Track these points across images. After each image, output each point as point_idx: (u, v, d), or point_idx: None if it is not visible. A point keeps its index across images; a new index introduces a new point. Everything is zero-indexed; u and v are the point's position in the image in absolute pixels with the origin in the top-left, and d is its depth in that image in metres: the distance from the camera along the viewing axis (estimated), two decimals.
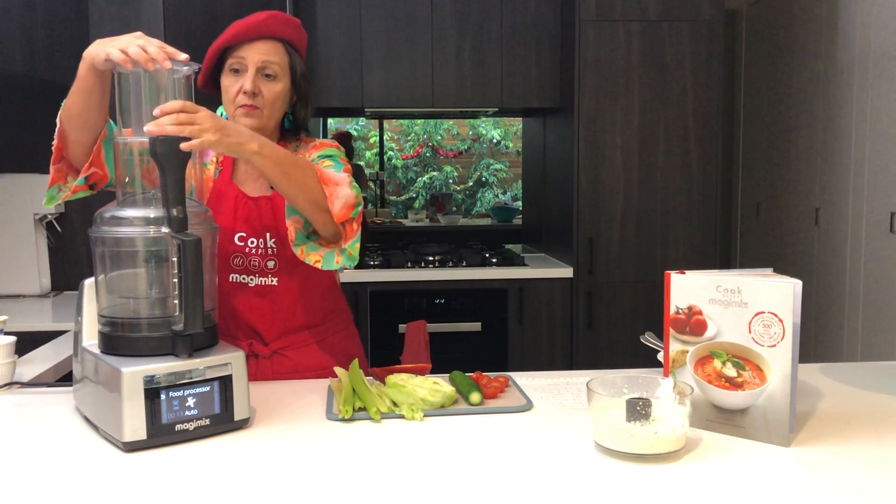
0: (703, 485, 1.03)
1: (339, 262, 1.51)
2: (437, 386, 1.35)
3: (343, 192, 1.46)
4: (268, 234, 1.59)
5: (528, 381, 1.52)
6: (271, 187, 1.59)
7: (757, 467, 1.09)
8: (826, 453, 1.14)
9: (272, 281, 1.61)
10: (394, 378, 1.38)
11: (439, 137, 6.38)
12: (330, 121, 5.43)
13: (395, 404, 1.34)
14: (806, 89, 3.83)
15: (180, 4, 2.69)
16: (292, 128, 1.68)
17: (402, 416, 1.29)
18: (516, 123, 6.00)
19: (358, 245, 1.51)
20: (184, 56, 1.29)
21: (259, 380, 1.57)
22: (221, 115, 1.62)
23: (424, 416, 1.30)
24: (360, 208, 1.51)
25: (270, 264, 1.60)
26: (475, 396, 1.35)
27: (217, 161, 1.64)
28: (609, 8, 3.16)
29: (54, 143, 1.46)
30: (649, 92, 3.20)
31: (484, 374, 1.47)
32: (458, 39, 3.39)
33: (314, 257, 1.52)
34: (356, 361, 1.42)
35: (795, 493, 1.00)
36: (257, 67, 1.55)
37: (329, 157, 1.59)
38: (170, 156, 1.18)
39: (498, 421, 1.29)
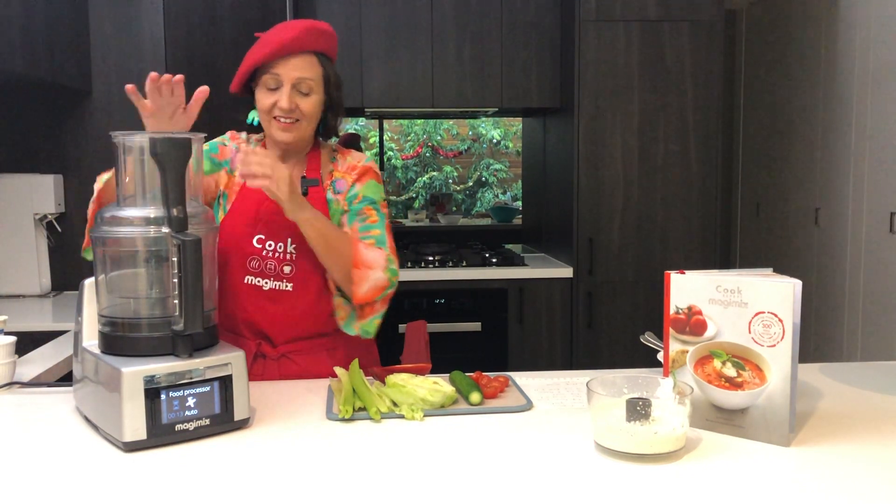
0: (703, 485, 1.03)
1: (356, 332, 1.62)
2: (437, 386, 1.35)
3: (374, 276, 1.55)
4: (289, 240, 1.60)
5: (528, 381, 1.52)
6: (303, 193, 1.61)
7: (757, 467, 1.09)
8: (826, 453, 1.14)
9: (286, 286, 1.61)
10: (394, 378, 1.38)
11: (439, 137, 6.37)
12: None
13: (395, 404, 1.34)
14: (806, 89, 3.83)
15: (180, 5, 2.69)
16: (324, 132, 1.70)
17: (402, 416, 1.29)
18: (516, 123, 5.99)
19: (377, 322, 1.61)
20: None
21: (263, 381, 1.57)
22: (253, 121, 1.66)
23: (424, 416, 1.30)
24: (391, 290, 1.59)
25: (287, 269, 1.61)
26: (475, 396, 1.35)
27: None
28: (609, 8, 3.16)
29: (90, 208, 1.50)
30: (649, 92, 3.20)
31: (484, 374, 1.47)
32: (458, 39, 3.39)
33: (341, 312, 1.63)
34: (356, 361, 1.42)
35: (795, 493, 1.00)
36: (292, 84, 1.56)
37: (373, 203, 1.65)
38: (170, 156, 1.18)
39: (498, 421, 1.29)
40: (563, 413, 1.33)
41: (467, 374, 1.44)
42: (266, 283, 1.61)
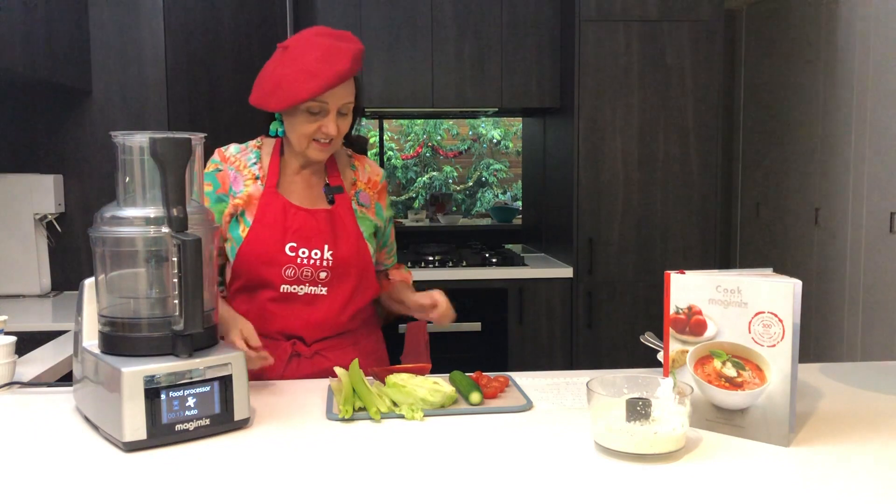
0: (703, 485, 1.03)
1: None
2: (437, 386, 1.35)
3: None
4: (325, 246, 1.63)
5: (528, 381, 1.52)
6: (329, 201, 1.67)
7: (757, 467, 1.09)
8: (826, 453, 1.14)
9: (321, 290, 1.64)
10: (394, 378, 1.38)
11: (439, 137, 6.37)
12: None
13: (395, 404, 1.34)
14: (806, 89, 3.83)
15: (180, 5, 2.69)
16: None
17: (402, 416, 1.29)
18: (516, 123, 5.99)
19: None
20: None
21: (300, 378, 1.60)
22: (277, 132, 1.66)
23: (424, 416, 1.30)
24: None
25: (322, 275, 1.64)
26: (475, 396, 1.35)
27: (260, 178, 1.66)
28: (609, 8, 3.16)
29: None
30: (649, 92, 3.20)
31: (484, 374, 1.47)
32: (458, 39, 3.39)
33: None
34: (356, 361, 1.42)
35: (795, 493, 1.00)
36: (337, 109, 1.58)
37: (391, 221, 1.86)
38: (170, 156, 1.18)
39: (498, 421, 1.29)
40: (563, 413, 1.33)
41: (467, 374, 1.44)
42: (301, 289, 1.64)
